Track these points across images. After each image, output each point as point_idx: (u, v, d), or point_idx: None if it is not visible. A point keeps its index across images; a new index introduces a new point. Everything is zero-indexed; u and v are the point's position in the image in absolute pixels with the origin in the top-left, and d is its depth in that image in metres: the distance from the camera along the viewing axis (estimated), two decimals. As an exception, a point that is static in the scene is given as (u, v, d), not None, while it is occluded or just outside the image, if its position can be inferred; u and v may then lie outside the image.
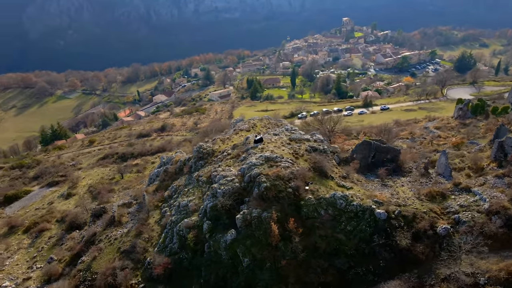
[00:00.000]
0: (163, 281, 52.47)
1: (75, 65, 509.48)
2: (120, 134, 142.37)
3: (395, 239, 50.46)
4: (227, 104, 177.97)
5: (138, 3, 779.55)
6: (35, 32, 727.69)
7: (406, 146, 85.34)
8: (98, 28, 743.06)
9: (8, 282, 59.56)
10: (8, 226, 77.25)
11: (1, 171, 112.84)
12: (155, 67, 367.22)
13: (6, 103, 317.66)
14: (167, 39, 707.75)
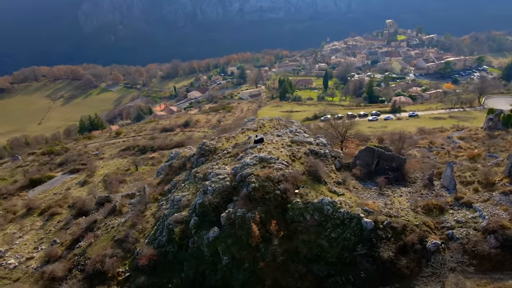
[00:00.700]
0: (147, 272, 54.04)
1: (122, 59, 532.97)
2: (146, 128, 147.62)
3: (378, 250, 48.75)
4: (254, 103, 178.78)
5: (185, 1, 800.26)
6: (89, 27, 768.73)
7: (420, 156, 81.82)
8: (146, 24, 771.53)
9: (13, 260, 63.96)
10: (27, 208, 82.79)
11: (33, 156, 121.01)
12: (193, 64, 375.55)
13: (55, 93, 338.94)
14: (211, 37, 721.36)
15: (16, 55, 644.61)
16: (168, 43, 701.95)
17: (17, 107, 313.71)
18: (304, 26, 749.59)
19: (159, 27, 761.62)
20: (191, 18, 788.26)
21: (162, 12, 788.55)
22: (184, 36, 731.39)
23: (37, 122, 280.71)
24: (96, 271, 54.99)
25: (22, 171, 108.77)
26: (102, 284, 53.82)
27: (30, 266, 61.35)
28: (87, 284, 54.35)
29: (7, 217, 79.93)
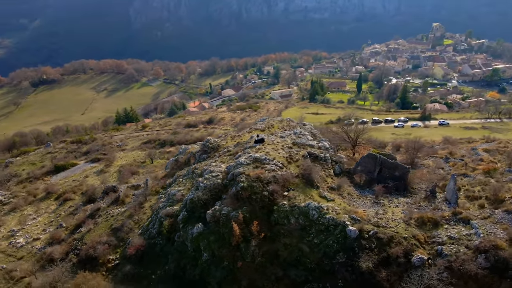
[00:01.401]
0: (134, 261, 55.94)
1: (166, 56, 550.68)
2: (171, 123, 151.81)
3: (358, 260, 47.32)
4: (282, 104, 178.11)
5: (231, 0, 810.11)
6: (138, 23, 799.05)
7: (434, 166, 78.17)
8: (192, 22, 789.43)
9: (22, 239, 68.45)
10: (46, 192, 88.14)
11: (63, 144, 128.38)
12: (232, 62, 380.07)
13: (100, 85, 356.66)
14: (254, 36, 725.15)
15: (70, 48, 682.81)
16: (212, 41, 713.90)
17: (65, 97, 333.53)
18: (349, 28, 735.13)
19: (204, 25, 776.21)
20: (236, 17, 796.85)
21: (208, 10, 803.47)
22: (228, 35, 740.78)
23: (81, 112, 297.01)
24: (89, 257, 57.68)
25: (51, 157, 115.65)
26: (93, 270, 56.35)
27: (35, 246, 65.34)
28: (80, 268, 57.02)
29: (27, 199, 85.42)
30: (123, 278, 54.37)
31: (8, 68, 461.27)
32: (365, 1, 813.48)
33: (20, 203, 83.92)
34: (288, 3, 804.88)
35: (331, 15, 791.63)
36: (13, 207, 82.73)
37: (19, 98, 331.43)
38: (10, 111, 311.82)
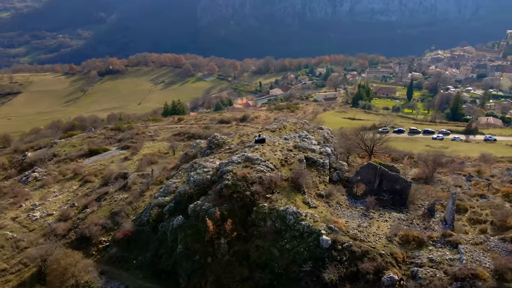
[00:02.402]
0: (121, 245, 59.05)
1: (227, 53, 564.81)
2: (207, 118, 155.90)
3: (324, 271, 45.82)
4: (322, 107, 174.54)
5: (296, 0, 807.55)
6: (204, 20, 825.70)
7: (451, 183, 72.85)
8: (256, 21, 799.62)
9: (38, 213, 74.97)
10: (74, 173, 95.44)
11: (104, 130, 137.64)
12: (285, 62, 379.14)
13: (158, 78, 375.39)
14: (316, 36, 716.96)
15: (140, 41, 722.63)
16: (273, 40, 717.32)
17: (126, 87, 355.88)
18: (418, 32, 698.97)
19: (267, 24, 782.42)
20: (299, 16, 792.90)
21: (272, 9, 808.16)
22: (290, 34, 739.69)
23: (137, 102, 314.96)
24: (83, 236, 61.83)
25: (89, 141, 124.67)
26: (86, 248, 60.48)
27: (47, 221, 71.26)
28: (75, 246, 61.38)
29: (57, 177, 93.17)
30: (108, 259, 57.67)
31: (84, 58, 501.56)
32: (438, 5, 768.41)
33: (49, 180, 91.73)
34: (354, 4, 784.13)
35: (399, 18, 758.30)
36: (43, 183, 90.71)
37: (87, 85, 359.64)
38: (77, 97, 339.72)
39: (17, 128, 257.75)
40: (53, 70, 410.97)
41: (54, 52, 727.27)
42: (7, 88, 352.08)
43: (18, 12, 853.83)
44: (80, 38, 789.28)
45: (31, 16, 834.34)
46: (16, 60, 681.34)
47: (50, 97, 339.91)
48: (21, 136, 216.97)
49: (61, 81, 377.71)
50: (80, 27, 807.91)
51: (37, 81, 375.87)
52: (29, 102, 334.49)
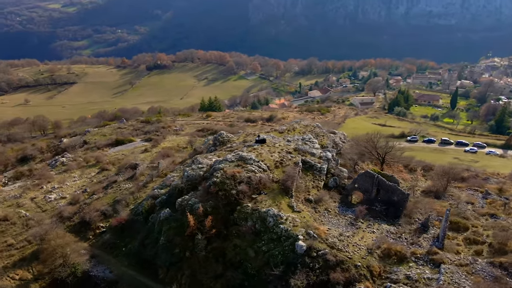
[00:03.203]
0: (115, 232, 61.78)
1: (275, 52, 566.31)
2: (234, 116, 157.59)
3: (292, 277, 45.07)
4: (354, 111, 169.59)
5: (348, 1, 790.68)
6: (255, 19, 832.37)
7: (464, 200, 68.55)
8: (306, 20, 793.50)
9: (54, 196, 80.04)
10: (96, 160, 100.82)
11: (134, 122, 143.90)
12: (328, 64, 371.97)
13: (202, 74, 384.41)
14: (368, 38, 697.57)
15: (192, 38, 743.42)
16: (323, 40, 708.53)
17: (171, 82, 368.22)
18: (478, 37, 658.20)
19: (318, 24, 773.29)
20: (351, 17, 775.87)
21: (323, 9, 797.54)
22: (340, 36, 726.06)
23: (180, 97, 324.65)
24: (83, 220, 65.38)
25: (119, 131, 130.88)
26: (84, 232, 64.00)
27: (59, 203, 75.98)
28: (76, 229, 65.16)
29: (80, 164, 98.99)
30: (101, 245, 60.60)
31: (138, 52, 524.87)
32: (504, 8, 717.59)
33: (73, 166, 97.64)
34: (410, 7, 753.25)
35: (459, 21, 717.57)
36: (67, 168, 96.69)
37: (135, 79, 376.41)
38: (125, 89, 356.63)
39: (69, 115, 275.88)
40: (106, 63, 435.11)
41: (112, 46, 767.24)
42: (64, 78, 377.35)
43: (83, 7, 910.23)
44: (136, 34, 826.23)
45: (94, 12, 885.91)
46: (78, 52, 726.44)
47: (101, 88, 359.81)
48: (69, 123, 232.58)
49: (112, 73, 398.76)
50: (138, 23, 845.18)
51: (91, 72, 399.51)
52: (82, 92, 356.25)
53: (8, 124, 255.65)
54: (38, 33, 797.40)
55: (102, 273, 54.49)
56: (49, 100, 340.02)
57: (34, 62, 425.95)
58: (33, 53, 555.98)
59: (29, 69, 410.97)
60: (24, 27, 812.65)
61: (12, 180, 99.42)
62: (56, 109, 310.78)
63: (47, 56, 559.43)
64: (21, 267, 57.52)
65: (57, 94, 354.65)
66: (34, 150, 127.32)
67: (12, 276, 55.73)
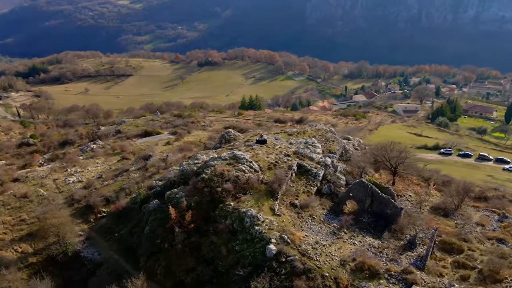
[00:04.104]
0: (112, 218, 65.01)
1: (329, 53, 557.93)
2: (265, 115, 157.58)
3: (255, 280, 44.74)
4: (391, 118, 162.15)
5: (412, 4, 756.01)
6: (312, 19, 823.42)
7: (475, 221, 63.78)
8: (365, 22, 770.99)
9: (73, 179, 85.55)
10: (121, 149, 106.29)
11: (168, 115, 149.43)
12: (379, 68, 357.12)
13: (250, 73, 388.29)
14: (430, 43, 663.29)
15: (247, 36, 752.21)
16: (380, 44, 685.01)
17: (219, 78, 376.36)
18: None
19: (376, 27, 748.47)
20: (413, 21, 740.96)
21: (384, 12, 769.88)
22: (399, 40, 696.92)
23: (225, 94, 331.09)
24: (88, 204, 69.52)
25: (151, 124, 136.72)
26: (88, 215, 68.06)
27: (75, 186, 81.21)
28: (81, 212, 69.47)
29: (106, 151, 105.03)
30: (98, 228, 64.15)
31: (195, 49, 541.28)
32: None
33: (99, 153, 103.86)
34: (480, 11, 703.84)
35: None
36: (94, 155, 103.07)
37: (186, 74, 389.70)
38: (176, 84, 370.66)
39: (121, 105, 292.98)
40: (162, 57, 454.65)
41: (171, 42, 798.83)
42: (122, 70, 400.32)
43: (149, 4, 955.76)
44: (195, 31, 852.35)
45: (159, 8, 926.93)
46: (141, 47, 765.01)
47: (154, 81, 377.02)
48: (118, 113, 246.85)
49: (166, 68, 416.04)
50: (197, 20, 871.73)
51: (147, 66, 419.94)
52: (137, 84, 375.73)
53: (66, 110, 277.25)
54: (107, 27, 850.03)
55: (91, 255, 57.72)
56: (106, 90, 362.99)
57: (97, 54, 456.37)
58: (101, 46, 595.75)
59: (92, 60, 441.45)
60: (95, 22, 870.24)
61: (48, 161, 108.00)
62: (111, 99, 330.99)
63: (113, 49, 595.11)
64: (26, 241, 62.42)
65: (114, 85, 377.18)
66: (75, 136, 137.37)
67: (16, 248, 60.72)
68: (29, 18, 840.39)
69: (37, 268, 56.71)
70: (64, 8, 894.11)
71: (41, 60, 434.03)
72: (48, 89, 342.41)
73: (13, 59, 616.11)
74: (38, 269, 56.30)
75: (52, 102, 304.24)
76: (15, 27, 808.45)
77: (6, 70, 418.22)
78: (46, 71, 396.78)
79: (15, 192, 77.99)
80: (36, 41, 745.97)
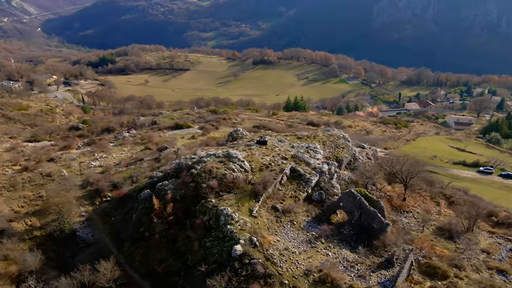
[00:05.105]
0: (114, 202, 68.98)
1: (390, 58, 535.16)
2: (300, 117, 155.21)
3: (212, 277, 44.96)
4: (434, 130, 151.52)
5: (491, 8, 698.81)
6: (378, 22, 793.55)
7: (480, 247, 58.73)
8: (435, 27, 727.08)
9: (96, 163, 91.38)
10: (148, 139, 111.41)
11: (204, 110, 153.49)
12: (441, 77, 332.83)
13: (303, 74, 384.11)
14: (508, 52, 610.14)
15: (309, 36, 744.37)
16: (450, 50, 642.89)
17: (272, 78, 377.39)
18: None
19: (448, 32, 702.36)
20: (490, 27, 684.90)
21: (458, 16, 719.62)
22: (473, 47, 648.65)
23: (275, 94, 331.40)
24: (98, 187, 74.11)
25: (186, 117, 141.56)
26: (95, 199, 72.64)
27: (95, 170, 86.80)
28: (91, 194, 74.28)
29: (135, 140, 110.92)
30: (100, 212, 68.26)
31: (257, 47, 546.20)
32: None
33: (129, 141, 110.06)
34: None
35: None
36: (123, 142, 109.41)
37: (240, 71, 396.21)
38: (229, 80, 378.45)
39: (174, 98, 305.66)
40: (219, 54, 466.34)
41: (234, 39, 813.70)
42: (181, 64, 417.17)
43: (216, 1, 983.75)
44: (258, 29, 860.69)
45: (225, 6, 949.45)
46: (204, 43, 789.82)
47: (208, 77, 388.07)
48: (169, 105, 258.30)
49: (222, 64, 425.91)
50: (261, 19, 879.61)
51: (204, 62, 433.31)
52: (192, 79, 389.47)
53: (124, 99, 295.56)
54: (175, 23, 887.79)
55: (86, 235, 61.67)
56: (164, 83, 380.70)
57: (161, 48, 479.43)
58: (168, 41, 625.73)
59: (155, 53, 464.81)
60: (165, 17, 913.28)
61: (85, 145, 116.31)
62: (167, 91, 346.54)
63: (178, 44, 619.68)
64: (37, 216, 68.16)
65: (172, 78, 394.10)
66: (117, 124, 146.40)
67: (27, 221, 66.57)
68: (108, 12, 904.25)
69: (38, 241, 61.78)
70: (139, 4, 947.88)
71: (111, 52, 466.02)
72: (113, 78, 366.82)
73: (91, 49, 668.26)
74: (40, 242, 61.40)
75: (114, 91, 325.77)
76: (96, 20, 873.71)
77: (81, 59, 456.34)
78: (114, 62, 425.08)
79: (43, 171, 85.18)
80: (112, 33, 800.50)
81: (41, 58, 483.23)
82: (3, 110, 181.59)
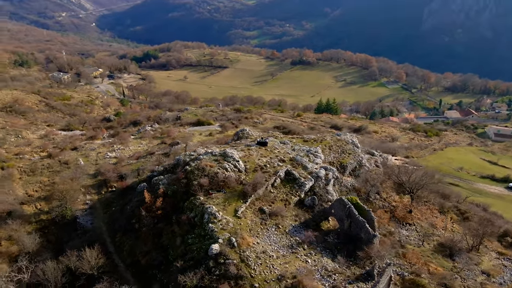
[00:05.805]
0: (117, 193, 71.34)
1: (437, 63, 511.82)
2: (324, 120, 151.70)
3: (184, 274, 45.30)
4: (468, 141, 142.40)
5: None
6: (428, 24, 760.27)
7: (484, 268, 55.27)
8: (490, 31, 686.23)
9: (112, 154, 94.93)
10: (167, 134, 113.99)
11: (228, 108, 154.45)
12: (489, 84, 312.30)
13: (342, 76, 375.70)
14: None
15: (353, 37, 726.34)
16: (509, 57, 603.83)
17: (309, 79, 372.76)
18: None
19: (505, 37, 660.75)
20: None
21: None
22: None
23: (311, 95, 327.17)
24: (107, 177, 76.99)
25: (209, 114, 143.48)
26: (102, 189, 75.60)
27: (109, 161, 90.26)
28: (99, 183, 77.36)
29: (154, 134, 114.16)
30: (103, 201, 70.92)
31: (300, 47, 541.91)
32: None
33: (148, 135, 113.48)
34: None
35: None
36: (143, 136, 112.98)
37: (277, 71, 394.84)
38: (265, 80, 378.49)
39: (210, 95, 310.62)
40: (259, 53, 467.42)
41: (277, 38, 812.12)
42: (220, 62, 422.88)
43: (261, 1, 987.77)
44: (302, 29, 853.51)
45: (270, 5, 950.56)
46: (247, 42, 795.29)
47: (246, 75, 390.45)
48: (203, 101, 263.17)
49: (260, 63, 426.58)
50: (305, 19, 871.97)
51: (243, 60, 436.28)
52: (230, 76, 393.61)
53: (161, 94, 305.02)
54: (220, 21, 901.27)
55: (85, 222, 64.31)
56: (202, 79, 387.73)
57: (202, 45, 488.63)
58: (212, 38, 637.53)
59: (196, 50, 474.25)
60: (210, 15, 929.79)
61: (109, 137, 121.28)
62: (203, 88, 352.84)
63: (222, 42, 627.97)
64: (46, 201, 71.97)
65: (210, 75, 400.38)
66: (144, 118, 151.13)
67: (37, 205, 70.51)
68: (157, 9, 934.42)
69: (43, 224, 65.30)
70: (186, 2, 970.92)
71: (154, 48, 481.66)
72: (154, 73, 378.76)
73: (138, 45, 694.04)
74: (44, 226, 64.91)
75: (154, 85, 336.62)
76: (145, 16, 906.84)
77: (128, 54, 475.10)
78: (157, 57, 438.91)
79: (61, 158, 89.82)
80: (159, 29, 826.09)
81: (92, 52, 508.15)
82: (48, 100, 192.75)
